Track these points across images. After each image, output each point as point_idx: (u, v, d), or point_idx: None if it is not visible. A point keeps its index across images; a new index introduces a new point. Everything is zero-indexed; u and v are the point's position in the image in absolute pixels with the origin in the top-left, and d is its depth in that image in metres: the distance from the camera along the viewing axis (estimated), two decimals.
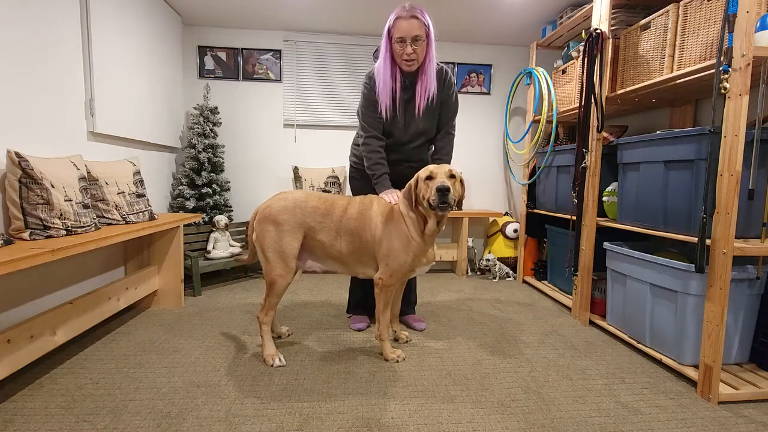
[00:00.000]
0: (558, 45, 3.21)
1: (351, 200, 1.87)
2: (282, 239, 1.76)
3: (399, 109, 1.95)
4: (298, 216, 1.79)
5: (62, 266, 2.01)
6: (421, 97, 1.91)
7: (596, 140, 2.32)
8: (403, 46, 1.78)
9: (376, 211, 1.81)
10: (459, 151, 3.78)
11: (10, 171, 1.60)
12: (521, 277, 3.40)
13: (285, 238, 1.77)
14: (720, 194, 1.56)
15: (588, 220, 2.38)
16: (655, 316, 1.91)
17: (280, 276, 1.78)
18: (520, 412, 1.49)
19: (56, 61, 1.94)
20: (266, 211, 1.79)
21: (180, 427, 1.35)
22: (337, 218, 1.81)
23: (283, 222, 1.77)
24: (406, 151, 2.08)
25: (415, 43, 1.78)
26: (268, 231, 1.77)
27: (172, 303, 2.52)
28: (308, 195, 1.85)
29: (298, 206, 1.80)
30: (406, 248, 1.75)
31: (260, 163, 3.58)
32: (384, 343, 1.88)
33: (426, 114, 1.97)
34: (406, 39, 1.77)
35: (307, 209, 1.80)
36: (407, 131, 2.01)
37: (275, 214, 1.77)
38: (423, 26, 1.78)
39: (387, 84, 1.88)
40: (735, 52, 1.50)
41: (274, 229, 1.76)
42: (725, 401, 1.59)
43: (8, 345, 1.44)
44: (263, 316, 1.83)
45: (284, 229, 1.77)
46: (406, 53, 1.79)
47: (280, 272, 1.77)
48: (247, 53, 3.47)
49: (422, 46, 1.80)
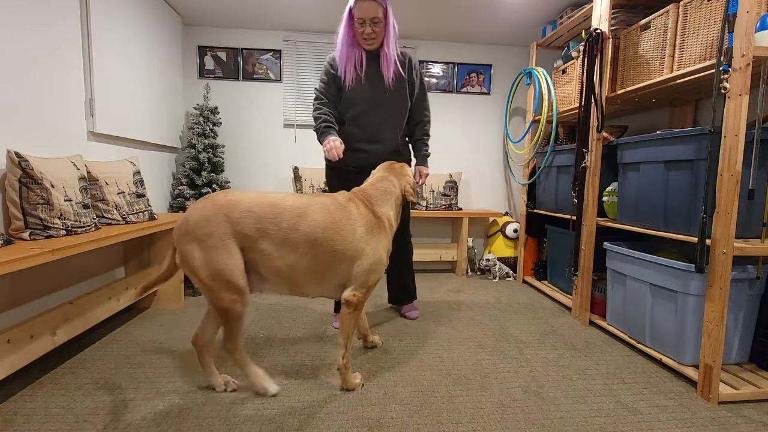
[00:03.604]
0: (558, 45, 3.21)
1: (311, 202, 1.52)
2: (212, 258, 1.38)
3: (364, 78, 2.03)
4: (223, 224, 1.39)
5: (62, 266, 2.01)
6: (386, 69, 2.03)
7: (596, 140, 2.32)
8: (363, 27, 1.93)
9: (358, 219, 1.54)
10: (459, 151, 3.79)
11: (10, 171, 1.60)
12: (521, 277, 3.40)
13: (215, 256, 1.38)
14: (720, 194, 1.56)
15: (588, 220, 2.38)
16: (655, 316, 1.91)
17: (233, 301, 1.41)
18: (520, 412, 1.49)
19: (56, 61, 1.93)
20: (183, 226, 1.40)
21: (180, 427, 1.35)
22: (288, 225, 1.44)
23: (205, 237, 1.38)
24: (370, 126, 2.07)
25: (375, 25, 1.92)
26: (191, 251, 1.39)
27: (172, 303, 2.52)
28: (240, 195, 1.46)
29: (222, 212, 1.40)
30: (386, 259, 1.61)
31: (260, 163, 3.58)
32: (347, 372, 1.59)
33: (396, 83, 2.06)
34: (366, 20, 1.91)
35: (234, 214, 1.41)
36: (374, 100, 2.05)
37: (193, 228, 1.38)
38: (381, 8, 1.91)
39: (349, 52, 1.99)
40: (735, 52, 1.50)
41: (198, 247, 1.38)
42: (725, 401, 1.59)
43: (8, 345, 1.44)
44: (231, 345, 1.48)
45: (210, 245, 1.38)
46: (365, 33, 1.94)
47: (230, 297, 1.41)
48: (247, 53, 3.47)
49: (381, 27, 1.95)
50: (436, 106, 3.72)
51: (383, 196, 1.66)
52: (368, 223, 1.56)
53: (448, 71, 3.70)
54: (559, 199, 2.88)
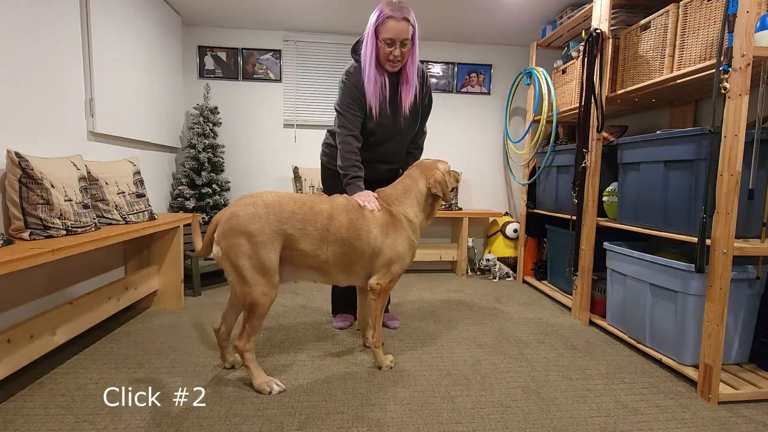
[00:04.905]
0: (558, 45, 3.21)
1: (333, 204, 1.67)
2: (259, 252, 1.49)
3: (387, 109, 1.90)
4: (273, 223, 1.52)
5: (62, 266, 2.01)
6: (406, 95, 1.89)
7: (596, 140, 2.32)
8: (392, 48, 1.75)
9: (371, 221, 1.68)
10: (459, 151, 3.79)
11: (10, 171, 1.60)
12: (521, 277, 3.40)
13: (262, 251, 1.49)
14: (720, 194, 1.56)
15: (588, 220, 2.38)
16: (655, 316, 1.91)
17: (264, 295, 1.52)
18: (520, 412, 1.49)
19: (56, 61, 1.94)
20: (232, 221, 1.49)
21: (180, 427, 1.35)
22: (322, 226, 1.60)
23: (257, 232, 1.49)
24: (382, 152, 2.01)
25: (404, 46, 1.75)
26: (239, 245, 1.48)
27: (172, 303, 2.52)
28: (281, 197, 1.59)
29: (272, 211, 1.53)
30: (410, 251, 1.76)
31: (260, 163, 3.58)
32: (378, 350, 1.80)
33: (411, 112, 1.94)
34: (396, 41, 1.73)
35: (283, 214, 1.55)
36: (391, 131, 1.96)
37: (245, 224, 1.48)
38: (411, 28, 1.75)
39: (377, 83, 1.82)
40: (735, 52, 1.50)
41: (247, 242, 1.48)
42: (725, 401, 1.59)
43: (8, 345, 1.44)
44: (244, 344, 1.55)
45: (259, 241, 1.49)
46: (393, 55, 1.76)
47: (263, 290, 1.51)
48: (247, 53, 3.47)
49: (408, 49, 1.79)
50: (436, 106, 3.70)
51: (401, 195, 1.78)
52: (383, 223, 1.70)
53: (448, 71, 3.70)
54: (559, 199, 2.88)
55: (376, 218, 1.70)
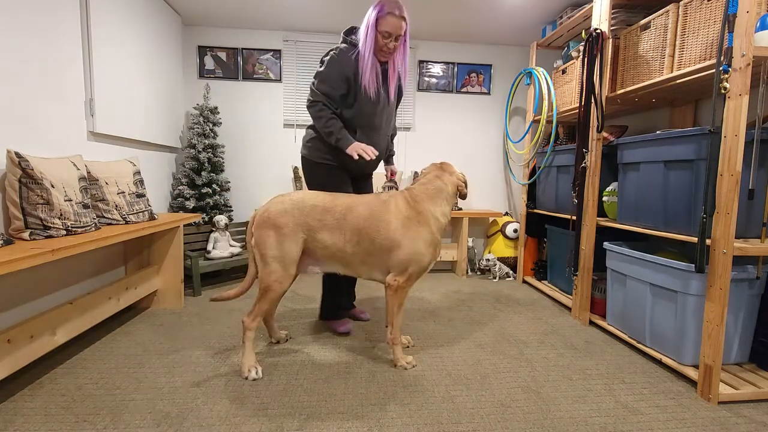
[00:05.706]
0: (558, 45, 3.21)
1: (357, 198, 1.81)
2: (283, 244, 1.70)
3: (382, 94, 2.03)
4: (297, 217, 1.72)
5: (62, 266, 2.01)
6: (391, 83, 2.06)
7: (596, 140, 2.32)
8: (387, 40, 1.92)
9: (394, 214, 1.75)
10: (459, 151, 3.79)
11: (10, 171, 1.60)
12: (521, 277, 3.40)
13: (286, 243, 1.70)
14: (720, 194, 1.56)
15: (588, 220, 2.38)
16: (655, 316, 1.91)
17: (277, 282, 1.70)
18: (520, 412, 1.49)
19: (56, 60, 1.94)
20: (264, 215, 1.73)
21: (180, 427, 1.35)
22: (340, 215, 1.74)
23: (283, 225, 1.70)
24: (374, 140, 2.08)
25: (396, 41, 1.94)
26: (268, 236, 1.70)
27: (172, 303, 2.52)
28: (305, 194, 1.79)
29: (296, 207, 1.73)
30: (430, 248, 1.76)
31: (260, 163, 3.58)
32: (397, 347, 1.82)
33: (394, 100, 2.13)
34: (392, 35, 1.91)
35: (306, 208, 1.74)
36: (383, 116, 2.08)
37: (274, 218, 1.71)
38: (406, 26, 1.94)
39: (373, 69, 1.95)
40: (735, 52, 1.50)
41: (275, 233, 1.70)
42: (725, 401, 1.59)
43: (8, 345, 1.44)
44: (249, 322, 1.72)
45: (284, 233, 1.70)
46: (388, 47, 1.94)
47: (277, 278, 1.70)
48: (247, 53, 3.47)
49: (400, 42, 1.98)
50: (436, 106, 3.73)
51: (433, 194, 1.83)
52: (406, 217, 1.76)
53: (448, 71, 3.70)
54: (559, 199, 2.88)
55: (400, 211, 1.76)
